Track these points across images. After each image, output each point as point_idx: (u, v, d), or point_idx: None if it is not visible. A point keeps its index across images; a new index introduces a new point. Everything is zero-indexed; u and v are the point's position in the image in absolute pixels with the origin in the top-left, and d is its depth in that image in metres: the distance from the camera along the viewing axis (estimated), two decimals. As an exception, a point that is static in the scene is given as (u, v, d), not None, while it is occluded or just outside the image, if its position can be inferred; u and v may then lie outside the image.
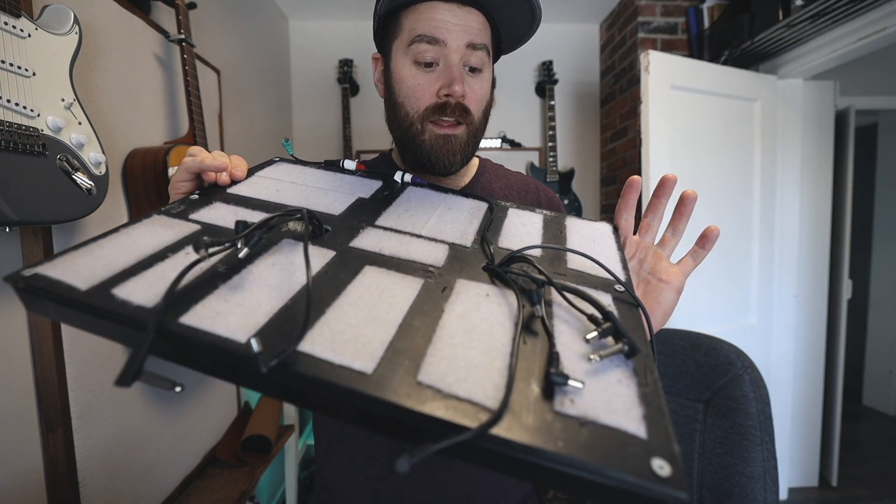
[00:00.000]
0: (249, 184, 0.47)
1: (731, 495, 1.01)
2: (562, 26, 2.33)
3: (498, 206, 0.52)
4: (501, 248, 0.43)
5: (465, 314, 0.32)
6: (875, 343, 2.92)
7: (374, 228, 0.43)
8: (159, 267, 0.31)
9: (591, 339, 0.30)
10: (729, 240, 1.72)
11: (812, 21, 1.43)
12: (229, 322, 0.28)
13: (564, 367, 0.28)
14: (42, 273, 0.29)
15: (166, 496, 1.12)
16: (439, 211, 0.49)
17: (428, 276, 0.36)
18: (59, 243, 0.82)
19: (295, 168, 0.53)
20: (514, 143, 2.31)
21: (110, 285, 0.29)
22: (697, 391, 1.16)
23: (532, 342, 0.30)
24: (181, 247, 0.34)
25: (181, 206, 0.40)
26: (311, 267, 0.31)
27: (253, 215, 0.40)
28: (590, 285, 0.38)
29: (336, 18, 2.25)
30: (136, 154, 0.99)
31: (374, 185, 0.53)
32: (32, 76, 0.69)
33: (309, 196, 0.47)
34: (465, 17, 0.52)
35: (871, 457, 2.35)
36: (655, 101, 1.51)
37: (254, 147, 1.78)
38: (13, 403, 0.75)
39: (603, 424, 0.25)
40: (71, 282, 0.28)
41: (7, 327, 0.74)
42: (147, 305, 0.28)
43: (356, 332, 0.29)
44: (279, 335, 0.27)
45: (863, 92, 2.34)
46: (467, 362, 0.28)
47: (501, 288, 0.36)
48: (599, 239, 0.48)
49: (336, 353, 0.27)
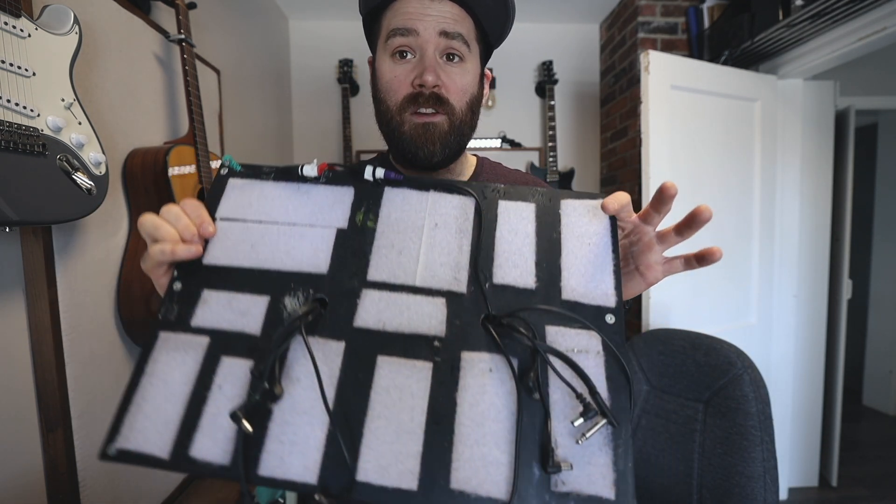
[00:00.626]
0: (221, 239, 0.45)
1: (731, 495, 1.01)
2: (562, 26, 2.33)
3: (486, 201, 0.47)
4: (496, 283, 0.43)
5: (475, 403, 0.37)
6: (875, 343, 2.92)
7: (368, 290, 0.43)
8: (208, 412, 0.37)
9: (577, 425, 0.35)
10: (729, 240, 1.72)
11: (812, 21, 1.43)
12: (296, 465, 0.35)
13: (558, 449, 0.35)
14: (123, 448, 0.36)
15: (166, 496, 1.12)
16: (427, 233, 0.46)
17: (435, 356, 0.39)
18: (59, 243, 0.82)
19: (253, 189, 0.48)
20: (514, 143, 2.31)
21: (184, 448, 0.36)
22: (697, 391, 1.16)
23: (531, 413, 0.36)
24: (210, 377, 0.38)
25: (174, 307, 0.42)
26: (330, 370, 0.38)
27: (249, 304, 0.42)
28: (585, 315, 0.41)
29: (336, 18, 2.25)
30: (136, 154, 0.99)
31: (346, 195, 0.47)
32: (32, 76, 0.69)
33: (288, 243, 0.45)
34: (438, 7, 0.52)
35: (871, 457, 2.35)
36: (655, 101, 1.51)
37: (254, 147, 1.78)
38: (13, 403, 0.75)
39: (586, 495, 0.34)
40: (153, 452, 0.35)
41: (7, 327, 0.74)
42: (226, 464, 0.35)
43: (394, 450, 0.35)
44: (336, 467, 0.35)
45: (863, 92, 2.34)
46: (484, 461, 0.35)
47: (499, 356, 0.39)
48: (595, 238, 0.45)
49: (385, 478, 0.34)
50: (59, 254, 0.82)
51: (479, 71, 0.59)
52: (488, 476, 0.34)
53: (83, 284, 0.87)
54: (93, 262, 0.90)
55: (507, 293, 0.42)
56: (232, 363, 0.39)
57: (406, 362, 0.39)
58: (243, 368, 0.38)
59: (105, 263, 0.93)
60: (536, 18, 2.27)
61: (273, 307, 0.41)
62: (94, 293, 0.90)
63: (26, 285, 0.77)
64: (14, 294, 0.75)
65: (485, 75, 0.62)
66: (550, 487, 0.34)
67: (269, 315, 0.41)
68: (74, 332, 0.85)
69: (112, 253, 0.95)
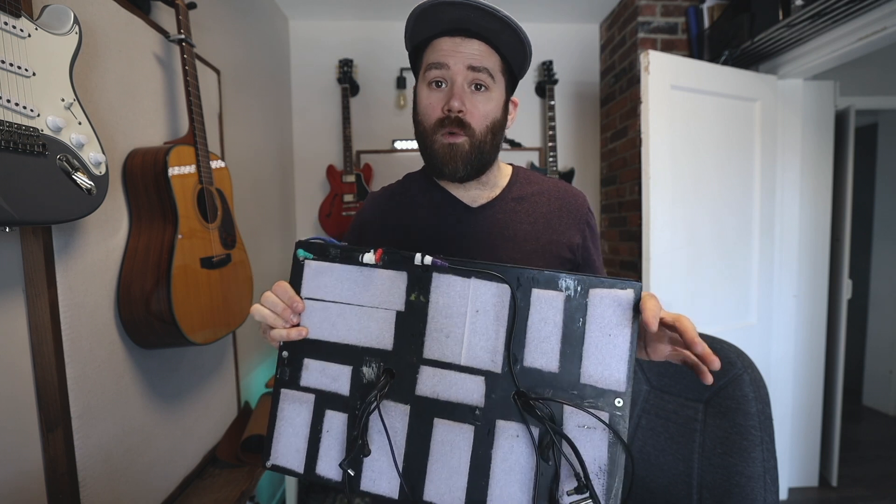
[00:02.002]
0: (309, 317, 0.59)
1: (731, 495, 1.00)
2: (562, 26, 2.33)
3: (521, 289, 0.53)
4: (526, 366, 0.52)
5: (505, 458, 0.51)
6: (875, 343, 2.92)
7: (424, 366, 0.55)
8: (324, 446, 0.56)
9: (571, 499, 0.47)
10: (729, 239, 1.72)
11: (812, 21, 1.43)
12: (383, 485, 0.54)
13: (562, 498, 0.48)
14: (276, 464, 0.57)
15: (166, 496, 1.12)
16: (469, 319, 0.55)
17: (476, 422, 0.52)
18: (59, 243, 0.82)
19: (325, 272, 0.59)
20: (515, 143, 2.31)
21: (312, 465, 0.56)
22: (697, 391, 1.16)
23: (546, 471, 0.50)
24: (320, 422, 0.57)
25: (286, 370, 0.59)
26: (400, 424, 0.54)
27: (338, 372, 0.58)
28: (597, 398, 0.50)
29: (336, 18, 2.25)
30: (136, 154, 0.99)
31: (401, 280, 0.57)
32: (32, 76, 0.69)
33: (360, 324, 0.58)
34: (467, 46, 0.63)
35: (871, 457, 2.35)
36: (655, 101, 1.51)
37: (254, 147, 1.78)
38: (13, 403, 0.75)
39: None
40: (293, 468, 0.57)
41: (7, 327, 0.74)
42: (339, 479, 0.55)
43: (448, 483, 0.52)
44: (412, 488, 0.53)
45: (863, 92, 2.33)
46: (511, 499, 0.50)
47: (524, 426, 0.51)
48: (616, 329, 0.51)
49: (443, 500, 0.52)
50: (59, 254, 0.82)
51: (503, 99, 0.68)
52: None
53: (83, 284, 0.87)
54: (93, 262, 0.90)
55: (534, 374, 0.52)
56: (333, 415, 0.57)
57: (454, 424, 0.53)
58: (341, 419, 0.56)
59: (105, 263, 0.93)
60: (536, 18, 2.27)
61: (355, 374, 0.57)
62: (94, 293, 0.90)
63: (26, 285, 0.77)
64: (14, 294, 0.75)
65: (511, 102, 0.71)
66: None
67: (353, 380, 0.57)
68: (74, 332, 0.85)
69: (112, 253, 0.95)
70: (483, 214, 0.71)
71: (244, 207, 1.60)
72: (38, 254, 0.77)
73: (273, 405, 0.59)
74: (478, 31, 0.62)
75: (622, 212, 2.13)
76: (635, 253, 1.99)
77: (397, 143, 2.28)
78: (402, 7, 2.12)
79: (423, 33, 0.65)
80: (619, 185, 2.16)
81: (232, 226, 1.23)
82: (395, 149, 2.29)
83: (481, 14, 0.59)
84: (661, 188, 1.54)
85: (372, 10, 2.16)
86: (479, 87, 0.64)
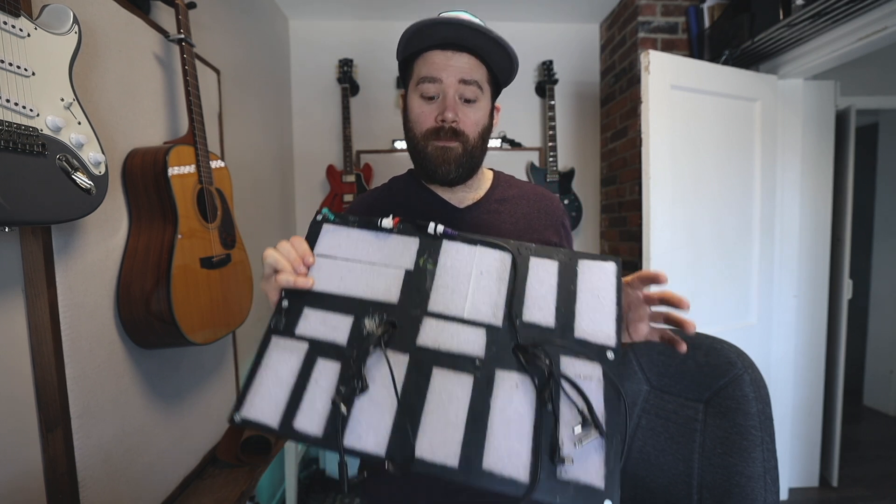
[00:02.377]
0: (318, 270, 0.59)
1: (731, 495, 1.00)
2: (562, 26, 2.33)
3: (520, 257, 0.60)
4: (526, 322, 0.55)
5: (504, 408, 0.49)
6: (875, 343, 2.92)
7: (428, 318, 0.56)
8: (308, 397, 0.51)
9: (576, 431, 0.47)
10: (729, 239, 1.72)
11: (812, 21, 1.43)
12: (370, 441, 0.48)
13: (563, 447, 0.46)
14: (247, 416, 0.51)
15: (166, 496, 1.12)
16: (473, 279, 0.59)
17: (476, 371, 0.52)
18: (59, 243, 0.82)
19: (341, 233, 0.63)
20: (514, 143, 2.31)
21: (289, 421, 0.50)
22: (698, 391, 1.15)
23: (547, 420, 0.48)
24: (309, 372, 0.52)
25: (282, 318, 0.56)
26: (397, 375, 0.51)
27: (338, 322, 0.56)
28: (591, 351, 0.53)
29: (336, 18, 2.25)
30: (136, 154, 0.99)
31: (412, 244, 0.61)
32: (32, 76, 0.69)
33: (368, 279, 0.59)
34: (458, 59, 0.66)
35: (871, 457, 2.35)
36: (655, 101, 1.51)
37: (254, 147, 1.78)
38: (13, 403, 0.75)
39: (581, 483, 0.45)
40: (267, 422, 0.50)
41: (6, 327, 0.74)
42: (319, 435, 0.49)
43: (443, 435, 0.48)
44: (401, 445, 0.47)
45: (863, 92, 2.33)
46: (509, 451, 0.47)
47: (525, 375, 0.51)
48: (603, 291, 0.57)
49: (436, 455, 0.47)
50: (58, 254, 0.82)
51: (490, 107, 0.72)
52: (511, 462, 0.46)
53: (83, 284, 0.87)
54: (92, 262, 0.90)
55: (533, 329, 0.54)
56: (325, 364, 0.53)
57: (454, 374, 0.52)
58: (334, 368, 0.52)
59: (105, 263, 0.93)
60: (536, 18, 2.26)
61: (356, 325, 0.55)
62: (93, 293, 0.90)
63: (26, 285, 0.77)
64: (13, 294, 0.75)
65: (495, 108, 0.75)
66: (557, 476, 0.45)
67: (353, 331, 0.55)
68: (74, 333, 0.85)
69: (112, 253, 0.95)
70: (470, 214, 0.75)
71: (244, 207, 1.60)
72: (37, 254, 0.77)
73: (258, 354, 0.54)
74: (468, 45, 0.66)
75: (622, 212, 2.13)
76: (635, 253, 1.99)
77: (397, 143, 2.28)
78: (402, 7, 2.12)
79: (415, 47, 0.68)
80: (619, 185, 2.15)
81: (232, 226, 1.23)
82: (395, 149, 2.28)
83: (474, 33, 0.63)
84: (662, 188, 1.54)
85: (372, 10, 2.16)
86: (469, 100, 0.68)
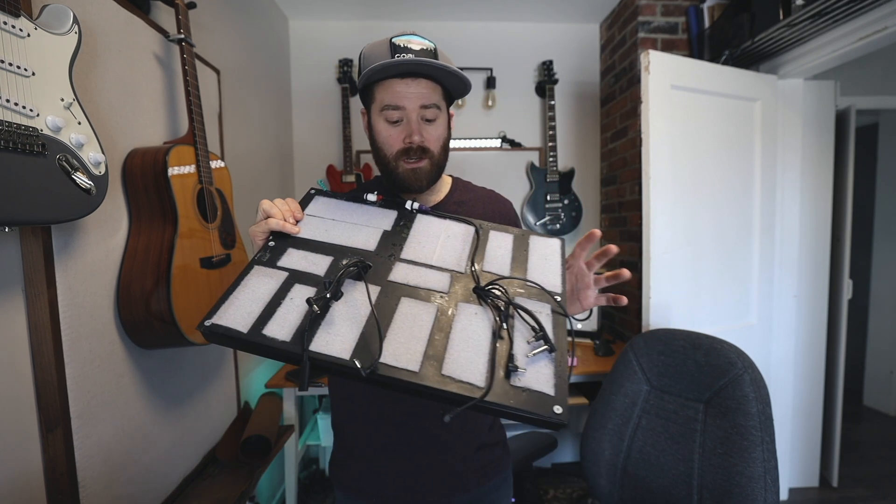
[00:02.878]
0: (305, 224, 0.67)
1: (732, 495, 1.00)
2: (562, 26, 2.33)
3: (482, 229, 0.71)
4: (485, 271, 0.65)
5: (464, 329, 0.56)
6: (876, 343, 2.92)
7: (400, 262, 0.64)
8: (280, 311, 0.54)
9: (530, 343, 0.54)
10: (729, 239, 1.72)
11: (812, 21, 1.43)
12: (336, 347, 0.51)
13: (517, 359, 0.52)
14: (216, 322, 0.52)
15: (166, 496, 1.12)
16: (441, 240, 0.69)
17: (440, 300, 0.59)
18: (59, 243, 0.82)
19: (331, 203, 0.73)
20: (515, 143, 2.31)
21: (259, 328, 0.52)
22: (698, 391, 1.16)
23: (501, 343, 0.54)
24: (285, 292, 0.57)
25: (266, 254, 0.62)
26: (366, 299, 0.56)
27: (318, 259, 0.62)
28: (540, 296, 0.62)
29: (336, 18, 2.25)
30: (136, 154, 0.99)
31: (391, 214, 0.72)
32: (32, 76, 0.69)
33: (350, 233, 0.67)
34: (417, 86, 0.72)
35: (871, 457, 2.35)
36: (656, 101, 1.51)
37: (254, 147, 1.78)
38: (13, 403, 0.75)
39: (533, 390, 0.50)
40: (236, 327, 0.52)
41: (6, 327, 0.74)
42: (287, 339, 0.51)
43: (406, 347, 0.52)
44: (366, 351, 0.51)
45: (863, 91, 2.33)
46: (467, 361, 0.52)
47: (484, 307, 0.58)
48: (550, 256, 0.69)
49: (399, 361, 0.51)
50: (58, 254, 0.82)
51: (447, 119, 0.79)
52: (469, 370, 0.51)
53: (83, 284, 0.87)
54: (92, 263, 0.90)
55: (491, 277, 0.63)
56: (301, 287, 0.57)
57: (420, 303, 0.58)
58: (309, 291, 0.57)
59: (105, 263, 0.93)
60: (536, 18, 2.27)
61: (334, 263, 0.62)
62: (93, 293, 0.90)
63: (26, 285, 0.77)
64: (13, 294, 0.75)
65: (449, 115, 0.82)
66: (511, 382, 0.50)
67: (331, 267, 0.61)
68: (74, 332, 0.85)
69: (112, 253, 0.95)
70: None
71: (244, 207, 1.60)
72: (37, 254, 0.77)
73: (238, 278, 0.57)
74: (424, 73, 0.73)
75: (622, 212, 2.13)
76: (635, 253, 1.99)
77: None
78: (402, 7, 2.12)
79: (376, 77, 0.73)
80: (619, 185, 2.15)
81: (232, 226, 1.23)
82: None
83: (429, 67, 0.71)
84: (662, 188, 1.54)
85: (372, 10, 2.16)
86: (430, 120, 0.75)
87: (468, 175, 1.00)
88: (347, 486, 0.82)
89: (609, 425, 1.23)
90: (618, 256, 2.19)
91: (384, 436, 0.78)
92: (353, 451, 0.81)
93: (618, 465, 1.21)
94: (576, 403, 1.84)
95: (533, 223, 2.26)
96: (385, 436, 0.78)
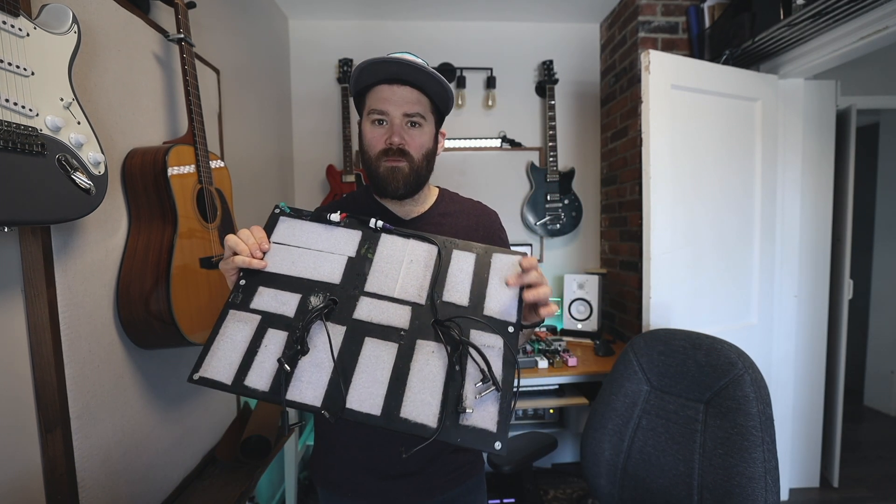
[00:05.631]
0: (272, 255, 0.69)
1: (732, 496, 1.00)
2: (562, 26, 2.32)
3: (445, 249, 0.73)
4: (445, 301, 0.67)
5: (421, 370, 0.61)
6: (876, 343, 2.92)
7: (364, 297, 0.67)
8: (258, 359, 0.60)
9: (477, 385, 0.60)
10: (729, 240, 1.71)
11: (813, 20, 1.43)
12: (308, 395, 0.58)
13: (466, 399, 0.58)
14: (203, 375, 0.59)
15: (166, 496, 1.12)
16: (405, 265, 0.71)
17: (400, 340, 0.63)
18: (58, 243, 0.82)
19: (296, 225, 0.73)
20: (515, 142, 2.31)
21: (241, 379, 0.59)
22: (698, 391, 1.15)
23: (455, 380, 0.60)
24: (259, 339, 0.62)
25: (240, 295, 0.65)
26: (335, 343, 0.61)
27: (288, 298, 0.65)
28: (495, 325, 0.65)
29: (336, 18, 2.25)
30: (136, 154, 0.98)
31: (356, 236, 0.74)
32: (31, 75, 0.69)
33: (316, 263, 0.70)
34: (402, 93, 0.77)
35: (872, 457, 2.35)
36: (656, 101, 1.51)
37: (253, 147, 1.78)
38: (12, 404, 0.75)
39: (479, 428, 0.57)
40: (221, 379, 0.59)
41: (6, 328, 0.74)
42: (266, 390, 0.58)
43: (370, 392, 0.59)
44: (334, 398, 0.58)
45: (864, 91, 2.33)
46: (423, 403, 0.59)
47: (440, 344, 0.63)
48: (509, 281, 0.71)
49: (363, 406, 0.58)
50: (57, 254, 0.82)
51: (434, 132, 0.83)
52: (423, 411, 0.58)
53: (82, 285, 0.87)
54: (92, 263, 0.90)
55: (450, 307, 0.67)
56: (274, 333, 0.62)
57: (382, 342, 0.63)
58: (282, 336, 0.62)
59: (104, 263, 0.93)
60: (536, 18, 2.26)
61: (303, 301, 0.65)
62: (93, 293, 0.90)
63: (25, 285, 0.77)
64: (13, 294, 0.75)
65: (440, 133, 0.86)
66: (459, 421, 0.57)
67: (300, 306, 0.65)
68: (73, 333, 0.85)
69: (111, 253, 0.95)
70: (414, 226, 0.85)
71: (244, 207, 1.59)
72: (36, 254, 0.77)
73: (217, 324, 0.62)
74: (410, 80, 0.77)
75: (622, 212, 2.13)
76: (635, 253, 1.98)
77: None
78: (402, 7, 2.12)
79: (365, 82, 0.78)
80: (620, 185, 2.15)
81: (231, 226, 1.22)
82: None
83: (412, 69, 0.75)
84: (662, 188, 1.54)
85: (372, 10, 2.15)
86: (414, 124, 0.79)
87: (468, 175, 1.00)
88: (328, 481, 0.87)
89: (609, 425, 1.23)
90: (617, 256, 2.19)
91: (361, 438, 0.82)
92: (333, 451, 0.86)
93: (618, 466, 1.21)
94: (576, 403, 1.84)
95: (533, 223, 2.25)
96: (362, 438, 0.82)
